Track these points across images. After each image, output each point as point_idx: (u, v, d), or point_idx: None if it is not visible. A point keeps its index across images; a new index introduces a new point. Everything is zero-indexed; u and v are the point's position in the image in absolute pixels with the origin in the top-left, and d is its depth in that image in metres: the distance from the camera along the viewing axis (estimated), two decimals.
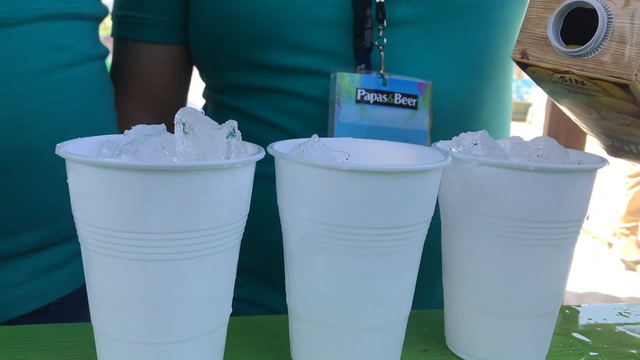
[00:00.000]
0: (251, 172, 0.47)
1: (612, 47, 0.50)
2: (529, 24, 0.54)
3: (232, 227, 0.46)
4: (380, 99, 0.74)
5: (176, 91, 0.90)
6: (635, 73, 0.49)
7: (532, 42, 0.54)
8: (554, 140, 0.52)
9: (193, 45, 0.83)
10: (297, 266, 0.50)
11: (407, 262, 0.50)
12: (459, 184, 0.53)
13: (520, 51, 0.55)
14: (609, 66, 0.50)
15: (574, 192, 0.50)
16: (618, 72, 0.50)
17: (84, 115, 0.72)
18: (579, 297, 3.47)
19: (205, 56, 0.83)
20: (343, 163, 0.45)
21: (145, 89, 0.87)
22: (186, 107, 0.46)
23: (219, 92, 0.84)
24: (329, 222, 0.47)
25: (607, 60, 0.50)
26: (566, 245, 0.53)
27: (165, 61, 0.86)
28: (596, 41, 0.50)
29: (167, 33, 0.84)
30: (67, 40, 0.70)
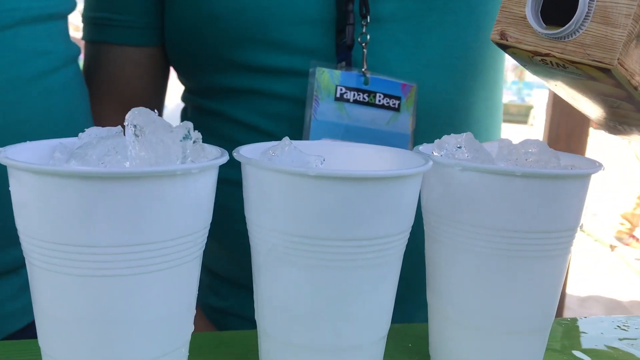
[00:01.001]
0: (212, 178, 0.43)
1: (593, 28, 0.47)
2: (509, 2, 0.51)
3: (189, 239, 0.42)
4: (360, 98, 0.71)
5: (152, 94, 0.87)
6: (617, 57, 0.46)
7: (511, 22, 0.50)
8: (544, 143, 0.48)
9: (170, 47, 0.80)
10: (265, 280, 0.46)
11: (384, 276, 0.46)
12: (441, 191, 0.49)
13: (499, 31, 0.51)
14: (591, 49, 0.47)
15: (566, 199, 0.46)
16: (600, 56, 0.46)
17: (70, 121, 0.69)
18: (580, 301, 3.43)
19: (183, 58, 0.80)
20: (311, 169, 0.41)
21: (120, 92, 0.83)
22: (139, 107, 0.42)
23: (199, 94, 0.81)
24: (297, 232, 0.43)
25: (588, 42, 0.47)
26: (558, 257, 0.49)
27: (141, 64, 0.82)
28: (577, 22, 0.47)
29: (141, 35, 0.80)
30: (48, 43, 0.67)
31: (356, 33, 0.71)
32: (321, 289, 0.44)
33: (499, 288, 0.48)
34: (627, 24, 0.46)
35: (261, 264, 0.46)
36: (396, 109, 0.72)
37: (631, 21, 0.46)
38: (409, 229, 0.47)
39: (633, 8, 0.45)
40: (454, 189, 0.47)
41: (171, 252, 0.41)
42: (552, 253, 0.48)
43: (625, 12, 0.46)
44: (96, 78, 0.83)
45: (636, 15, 0.45)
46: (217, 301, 0.88)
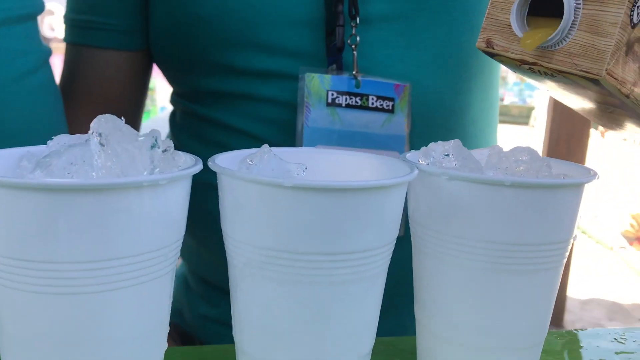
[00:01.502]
0: (184, 189, 0.41)
1: (580, 37, 0.44)
2: (494, 8, 0.49)
3: (160, 254, 0.40)
4: (353, 102, 0.69)
5: (132, 99, 0.85)
6: (605, 68, 0.43)
7: (497, 30, 0.48)
8: (534, 151, 0.46)
9: (156, 50, 0.78)
10: (242, 296, 0.44)
11: (367, 291, 0.43)
12: (428, 201, 0.46)
13: (485, 39, 0.49)
14: (578, 59, 0.44)
15: (558, 210, 0.44)
16: (587, 66, 0.44)
17: (53, 122, 0.68)
18: (581, 304, 3.40)
19: (170, 61, 0.78)
20: (287, 179, 0.38)
21: (99, 96, 0.81)
22: (106, 115, 0.39)
23: (187, 98, 0.79)
24: (274, 247, 0.40)
25: (576, 52, 0.45)
26: (550, 270, 0.46)
27: (121, 68, 0.80)
28: (563, 31, 0.44)
29: (123, 38, 0.78)
30: (26, 43, 0.66)
31: (346, 35, 0.69)
32: (300, 305, 0.42)
33: (488, 303, 0.46)
34: (615, 32, 0.44)
35: (237, 279, 0.44)
36: (390, 110, 0.70)
37: (618, 30, 0.44)
38: (393, 241, 0.44)
39: (620, 16, 0.43)
40: (441, 199, 0.45)
41: (139, 268, 0.39)
42: (543, 266, 0.46)
43: (612, 20, 0.43)
44: (75, 81, 0.81)
45: (623, 24, 0.43)
46: (210, 310, 0.86)
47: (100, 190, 0.36)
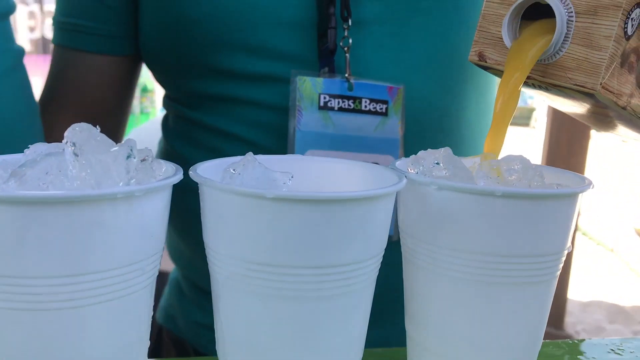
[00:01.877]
0: (162, 200, 0.39)
1: (574, 51, 0.43)
2: (485, 21, 0.47)
3: (136, 268, 0.38)
4: (345, 105, 0.67)
5: (116, 103, 0.84)
6: (600, 82, 0.42)
7: (489, 43, 0.47)
8: (527, 160, 0.45)
9: (147, 54, 0.77)
10: (224, 310, 0.42)
11: (354, 305, 0.42)
12: (417, 211, 0.45)
13: (478, 52, 0.48)
14: (572, 73, 0.43)
15: (551, 221, 0.43)
16: (582, 80, 0.43)
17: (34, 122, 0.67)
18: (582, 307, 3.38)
19: (161, 64, 0.77)
20: (268, 190, 0.37)
21: (82, 99, 0.81)
22: (81, 124, 0.38)
23: (178, 101, 0.78)
24: (256, 260, 0.39)
25: (569, 65, 0.43)
26: (543, 283, 0.45)
27: (105, 72, 0.80)
28: (556, 44, 0.43)
29: (108, 43, 0.78)
30: (4, 42, 0.65)
31: (338, 37, 0.68)
32: (285, 321, 0.40)
33: (480, 316, 0.45)
34: (609, 46, 0.43)
35: (220, 293, 0.42)
36: (384, 113, 0.68)
37: (612, 43, 0.43)
38: (380, 253, 0.43)
39: (614, 29, 0.42)
40: (430, 209, 0.44)
41: (115, 283, 0.37)
42: (536, 279, 0.44)
43: (605, 33, 0.42)
44: (59, 83, 0.81)
45: (617, 37, 0.42)
46: (203, 316, 0.85)
47: (72, 202, 0.34)
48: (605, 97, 0.43)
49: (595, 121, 0.54)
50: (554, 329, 2.81)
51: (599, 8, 0.42)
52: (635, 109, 0.47)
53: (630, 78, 0.45)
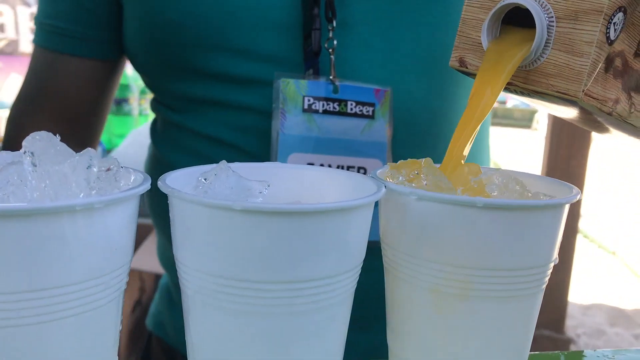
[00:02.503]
0: (127, 211, 0.38)
1: (555, 57, 0.41)
2: (465, 26, 0.45)
3: (100, 282, 0.36)
4: (330, 108, 0.66)
5: (92, 107, 0.83)
6: (582, 89, 0.40)
7: (469, 48, 0.45)
8: (506, 172, 0.43)
9: (132, 57, 0.77)
10: (194, 326, 0.41)
11: (330, 321, 0.40)
12: (397, 222, 0.43)
13: (458, 58, 0.46)
14: (554, 79, 0.41)
15: (536, 233, 0.41)
16: (564, 87, 0.41)
17: None
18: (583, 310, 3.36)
19: (146, 67, 0.76)
20: (236, 202, 0.35)
21: (58, 102, 0.80)
22: (41, 132, 0.36)
23: (165, 105, 0.77)
24: (225, 274, 0.37)
25: (551, 72, 0.42)
26: (528, 297, 0.43)
27: (83, 75, 0.79)
28: (536, 50, 0.41)
29: (88, 46, 0.77)
30: None
31: (323, 38, 0.66)
32: (256, 338, 0.38)
33: (463, 332, 0.43)
34: (590, 52, 0.41)
35: (189, 308, 0.40)
36: (370, 116, 0.67)
37: (594, 49, 0.41)
38: (358, 266, 0.41)
39: (595, 34, 0.40)
40: (410, 220, 0.42)
41: (76, 298, 0.35)
42: (521, 292, 0.42)
43: (587, 39, 0.40)
44: (36, 85, 0.80)
45: (599, 42, 0.40)
46: None
47: (28, 215, 0.32)
48: (589, 104, 0.42)
49: (589, 125, 0.53)
50: (554, 333, 2.79)
51: (579, 13, 0.40)
52: (621, 114, 0.45)
53: (616, 83, 0.44)
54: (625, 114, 0.46)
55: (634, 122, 0.47)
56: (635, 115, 0.46)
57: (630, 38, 0.43)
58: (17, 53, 4.05)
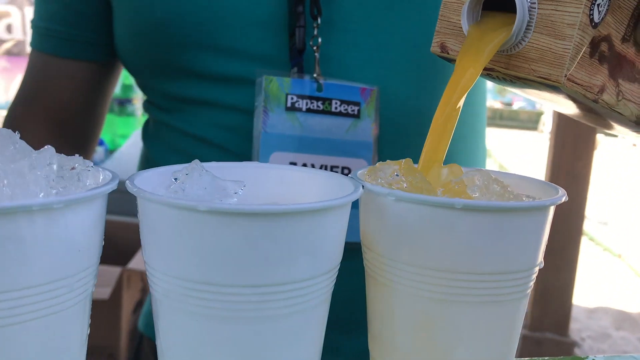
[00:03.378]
0: (92, 212, 0.36)
1: (537, 40, 0.40)
2: (446, 10, 0.44)
3: (62, 285, 0.35)
4: (314, 107, 0.64)
5: (86, 109, 0.82)
6: (565, 73, 0.39)
7: (450, 33, 0.44)
8: (487, 172, 0.41)
9: (122, 57, 0.76)
10: (164, 331, 0.39)
11: (303, 326, 0.39)
12: (376, 224, 0.42)
13: (439, 43, 0.44)
14: (536, 64, 0.40)
15: (519, 236, 0.39)
16: (545, 72, 0.40)
17: None
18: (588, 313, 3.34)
19: (134, 66, 0.76)
20: (201, 202, 0.34)
21: (52, 104, 0.79)
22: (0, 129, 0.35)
23: (154, 105, 0.77)
24: (192, 277, 0.36)
25: (533, 56, 0.40)
26: (512, 302, 0.41)
27: (76, 77, 0.79)
28: (517, 33, 0.40)
29: (80, 48, 0.77)
30: None
31: (308, 36, 0.65)
32: (226, 343, 0.37)
33: (444, 338, 0.41)
34: (573, 34, 0.39)
35: (158, 312, 0.39)
36: (356, 115, 0.66)
37: (577, 31, 0.39)
38: (334, 268, 0.40)
39: (578, 16, 0.38)
40: (389, 222, 0.40)
41: (37, 301, 0.34)
42: (504, 297, 0.41)
43: (569, 21, 0.39)
44: (32, 87, 0.80)
45: (582, 24, 0.39)
46: None
47: None
48: (572, 90, 0.40)
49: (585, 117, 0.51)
50: (558, 336, 2.76)
51: None
52: (608, 102, 0.43)
53: (602, 69, 0.42)
54: (613, 102, 0.44)
55: (622, 110, 0.45)
56: (623, 104, 0.45)
57: (617, 22, 0.42)
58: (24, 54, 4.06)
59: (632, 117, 0.46)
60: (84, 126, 0.83)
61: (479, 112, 0.80)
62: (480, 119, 0.81)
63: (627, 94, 0.45)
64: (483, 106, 0.82)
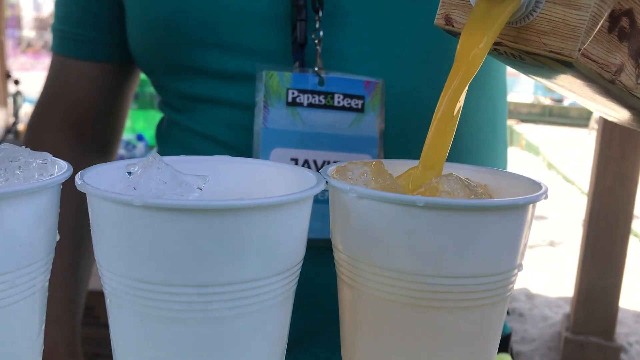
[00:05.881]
0: (35, 206, 0.35)
1: (550, 11, 0.37)
2: None
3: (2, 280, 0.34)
4: (316, 101, 0.62)
5: (106, 110, 0.83)
6: (579, 47, 0.35)
7: (456, 4, 0.41)
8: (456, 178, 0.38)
9: (135, 57, 0.76)
10: (113, 330, 0.38)
11: (256, 329, 0.37)
12: (341, 223, 0.39)
13: (444, 15, 0.42)
14: (547, 37, 0.37)
15: (490, 236, 0.36)
16: (558, 46, 0.36)
17: None
18: (636, 317, 3.22)
19: (145, 66, 0.76)
20: (137, 197, 0.32)
21: (72, 105, 0.80)
22: None
23: (165, 103, 0.77)
24: (134, 276, 0.34)
25: (544, 28, 0.37)
26: (486, 307, 0.38)
27: (95, 79, 0.79)
28: (528, 3, 0.36)
29: (97, 50, 0.77)
30: None
31: (309, 30, 0.63)
32: (172, 344, 0.35)
33: (413, 344, 0.39)
34: (590, 4, 0.36)
35: (109, 310, 0.38)
36: (360, 109, 0.63)
37: (595, 0, 0.36)
38: (292, 268, 0.37)
39: None
40: (353, 221, 0.38)
41: None
42: (476, 302, 0.38)
43: None
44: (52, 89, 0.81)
45: None
46: None
47: None
48: (587, 67, 0.37)
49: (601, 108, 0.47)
50: (603, 340, 2.67)
51: None
52: (626, 84, 0.40)
53: (621, 46, 0.38)
54: (631, 84, 0.40)
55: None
56: None
57: None
58: None
59: None
60: (104, 128, 0.84)
61: (497, 105, 0.77)
62: (500, 113, 0.78)
63: None
64: (503, 99, 0.79)
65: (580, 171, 4.59)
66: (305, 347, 0.68)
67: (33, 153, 0.37)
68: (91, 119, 0.81)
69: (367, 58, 0.66)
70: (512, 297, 3.31)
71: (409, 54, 0.66)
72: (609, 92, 0.42)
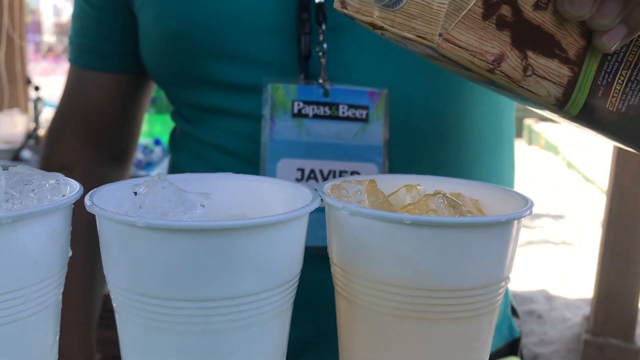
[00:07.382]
0: (47, 225, 0.37)
1: None
2: None
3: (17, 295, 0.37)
4: (321, 112, 0.65)
5: (120, 120, 0.85)
6: (439, 32, 0.36)
7: None
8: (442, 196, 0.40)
9: (148, 68, 0.78)
10: (122, 341, 0.40)
11: (253, 340, 0.39)
12: (335, 237, 0.41)
13: None
14: (416, 21, 0.37)
15: (474, 251, 0.38)
16: (423, 30, 0.37)
17: None
18: None
19: (157, 77, 0.78)
20: (140, 218, 0.34)
21: (86, 115, 0.83)
22: None
23: (177, 114, 0.79)
24: (137, 290, 0.37)
25: (413, 12, 0.37)
26: (473, 319, 0.40)
27: (109, 89, 0.81)
28: None
29: (111, 61, 0.80)
30: None
31: (313, 42, 0.65)
32: (174, 355, 0.38)
33: (404, 355, 0.41)
34: None
35: (117, 322, 0.40)
36: (364, 119, 0.65)
37: None
38: (288, 282, 0.40)
39: None
40: (345, 236, 0.40)
41: None
42: (464, 315, 0.40)
43: None
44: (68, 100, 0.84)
45: None
46: None
47: None
48: (454, 53, 0.37)
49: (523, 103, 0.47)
50: (622, 342, 2.65)
51: None
52: (510, 75, 0.39)
53: (500, 35, 0.38)
54: (518, 76, 0.40)
55: (534, 89, 0.40)
56: (535, 81, 0.40)
57: None
58: None
59: (550, 99, 0.41)
60: (120, 135, 0.86)
61: (504, 126, 0.78)
62: (507, 133, 0.78)
63: (540, 70, 0.40)
64: (510, 120, 0.80)
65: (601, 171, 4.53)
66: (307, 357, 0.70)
67: (46, 174, 0.40)
68: (107, 127, 0.84)
69: (372, 68, 0.67)
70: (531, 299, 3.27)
71: (412, 63, 0.68)
72: (495, 83, 0.41)
